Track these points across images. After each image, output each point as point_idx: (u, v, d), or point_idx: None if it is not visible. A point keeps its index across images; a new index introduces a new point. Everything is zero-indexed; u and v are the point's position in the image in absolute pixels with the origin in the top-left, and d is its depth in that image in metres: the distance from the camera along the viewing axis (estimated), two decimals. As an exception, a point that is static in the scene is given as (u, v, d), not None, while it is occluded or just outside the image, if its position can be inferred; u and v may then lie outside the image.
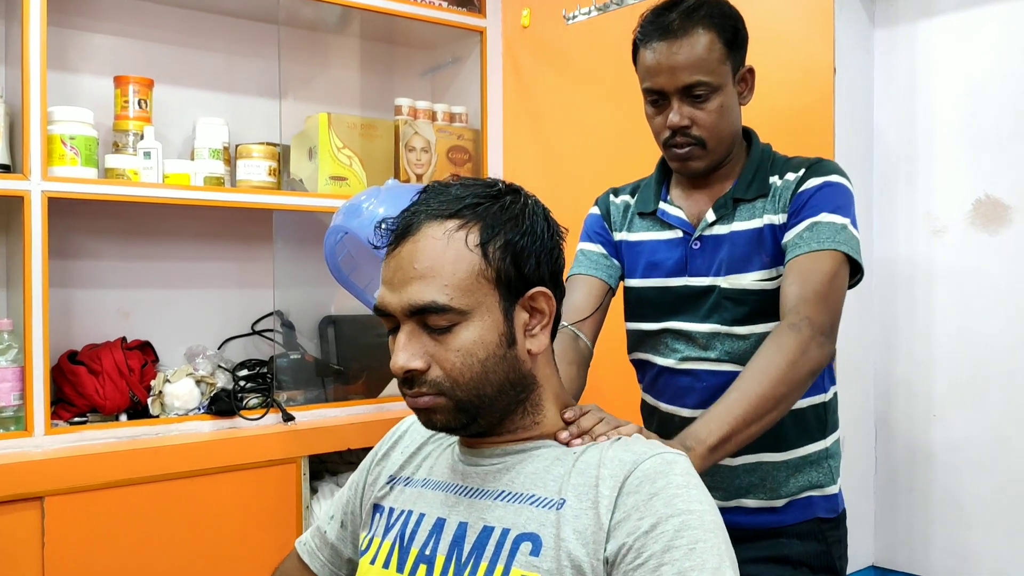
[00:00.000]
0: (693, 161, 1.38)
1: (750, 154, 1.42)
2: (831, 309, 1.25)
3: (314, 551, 1.16)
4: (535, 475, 0.94)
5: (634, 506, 0.86)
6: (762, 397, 1.15)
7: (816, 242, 1.28)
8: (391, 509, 1.04)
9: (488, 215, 0.93)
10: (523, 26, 2.57)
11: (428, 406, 0.93)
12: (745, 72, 1.40)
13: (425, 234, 0.91)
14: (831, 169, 1.36)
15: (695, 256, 1.40)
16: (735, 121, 1.39)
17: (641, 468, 0.88)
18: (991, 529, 1.71)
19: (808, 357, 1.20)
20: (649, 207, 1.47)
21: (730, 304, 1.36)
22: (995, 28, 1.72)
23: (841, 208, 1.31)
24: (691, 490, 0.87)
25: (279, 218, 2.42)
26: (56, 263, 2.11)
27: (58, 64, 2.19)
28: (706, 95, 1.33)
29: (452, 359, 0.90)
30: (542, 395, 0.98)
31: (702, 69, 1.31)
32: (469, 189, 0.95)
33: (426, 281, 0.89)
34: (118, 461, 1.91)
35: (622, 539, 0.84)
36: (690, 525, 0.84)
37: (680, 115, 1.34)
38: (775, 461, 1.37)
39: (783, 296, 1.28)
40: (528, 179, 2.57)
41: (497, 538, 0.91)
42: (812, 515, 1.39)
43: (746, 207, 1.39)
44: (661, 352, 1.44)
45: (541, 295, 0.95)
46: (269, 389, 2.27)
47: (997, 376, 1.71)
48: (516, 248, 0.93)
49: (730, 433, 1.12)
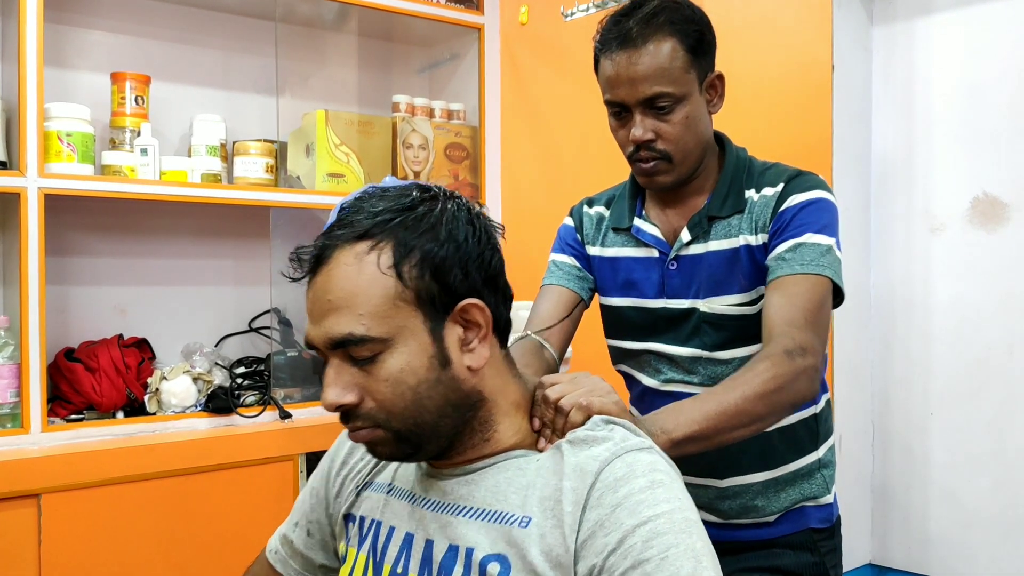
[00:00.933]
0: (660, 176, 1.30)
1: (724, 165, 1.35)
2: (821, 339, 1.20)
3: (285, 559, 1.13)
4: (496, 488, 0.89)
5: (598, 522, 0.81)
6: (739, 411, 1.09)
7: (800, 264, 1.22)
8: (362, 518, 1.01)
9: (400, 230, 0.86)
10: (521, 23, 2.57)
11: (367, 439, 0.89)
12: (714, 79, 1.31)
13: (337, 261, 0.85)
14: (814, 184, 1.29)
15: (672, 277, 1.34)
16: (703, 131, 1.31)
17: (602, 479, 0.84)
18: (988, 527, 1.71)
19: (797, 387, 1.14)
20: (623, 223, 1.40)
21: (710, 328, 1.31)
22: (993, 26, 1.72)
23: (826, 228, 1.25)
24: (656, 490, 0.83)
25: (276, 215, 2.42)
26: (53, 260, 2.11)
27: (55, 61, 2.18)
28: (670, 106, 1.25)
29: (382, 390, 0.85)
30: (492, 410, 0.92)
31: (664, 79, 1.24)
32: (383, 202, 0.88)
33: (341, 312, 0.84)
34: (115, 458, 1.90)
35: (591, 559, 0.80)
36: (659, 531, 0.80)
37: (643, 128, 1.26)
38: (765, 480, 1.33)
39: (768, 316, 1.21)
40: (526, 176, 2.57)
41: (463, 559, 0.87)
42: (804, 526, 1.35)
43: (722, 225, 1.32)
44: (646, 371, 1.40)
45: (472, 307, 0.88)
46: (266, 386, 2.27)
47: (994, 374, 1.71)
48: (436, 262, 0.86)
49: (697, 434, 1.06)
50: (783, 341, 1.15)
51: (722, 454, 1.22)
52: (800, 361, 1.14)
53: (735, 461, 1.32)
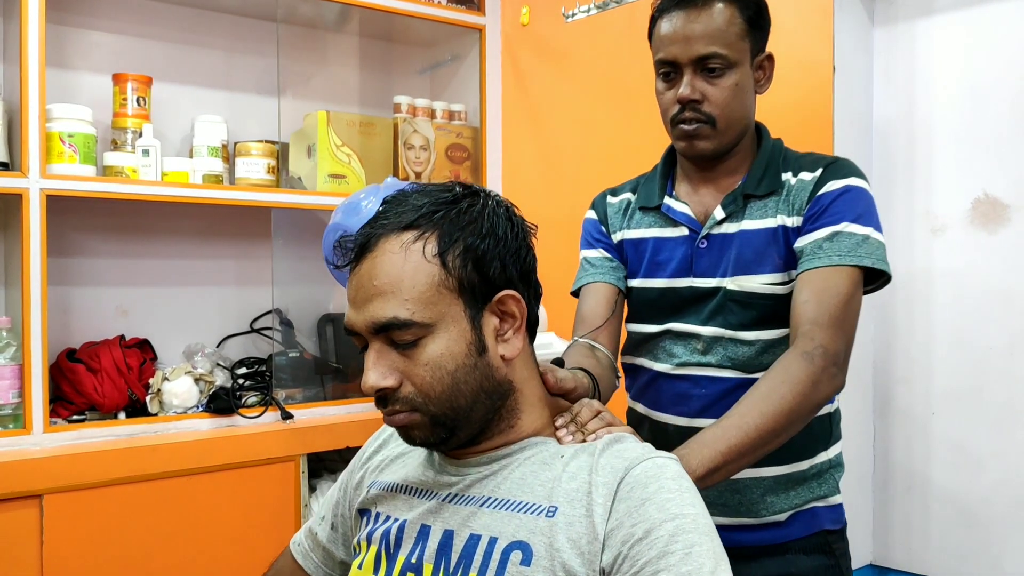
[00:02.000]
0: (700, 140, 1.30)
1: (760, 148, 1.36)
2: (846, 335, 1.20)
3: (307, 552, 1.15)
4: (522, 480, 0.92)
5: (627, 512, 0.84)
6: (760, 430, 1.09)
7: (837, 255, 1.22)
8: (377, 514, 1.02)
9: (445, 222, 0.90)
10: (522, 24, 2.57)
11: (404, 423, 0.92)
12: (764, 59, 1.32)
13: (383, 249, 0.89)
14: (851, 171, 1.29)
15: (701, 256, 1.33)
16: (749, 105, 1.31)
17: (632, 474, 0.87)
18: (989, 527, 1.71)
19: (818, 391, 1.14)
20: (653, 201, 1.40)
21: (736, 307, 1.29)
22: (994, 27, 1.72)
23: (863, 216, 1.25)
24: (684, 494, 0.86)
25: (278, 216, 2.42)
26: (54, 261, 2.11)
27: (57, 62, 2.19)
28: (721, 70, 1.26)
29: (422, 374, 0.89)
30: (519, 400, 0.96)
31: (719, 41, 1.25)
32: (426, 197, 0.92)
33: (386, 297, 0.88)
34: (116, 459, 1.91)
35: (617, 548, 0.83)
36: (685, 529, 0.82)
37: (692, 88, 1.26)
38: (777, 475, 1.31)
39: (795, 313, 1.22)
40: (527, 177, 2.58)
41: (485, 547, 0.89)
42: (818, 527, 1.33)
43: (757, 204, 1.31)
44: (657, 357, 1.38)
45: (509, 298, 0.92)
46: (268, 387, 2.27)
47: (996, 374, 1.71)
48: (477, 253, 0.90)
49: (721, 464, 1.06)
50: (803, 343, 1.17)
51: None
52: (820, 362, 1.15)
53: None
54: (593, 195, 1.56)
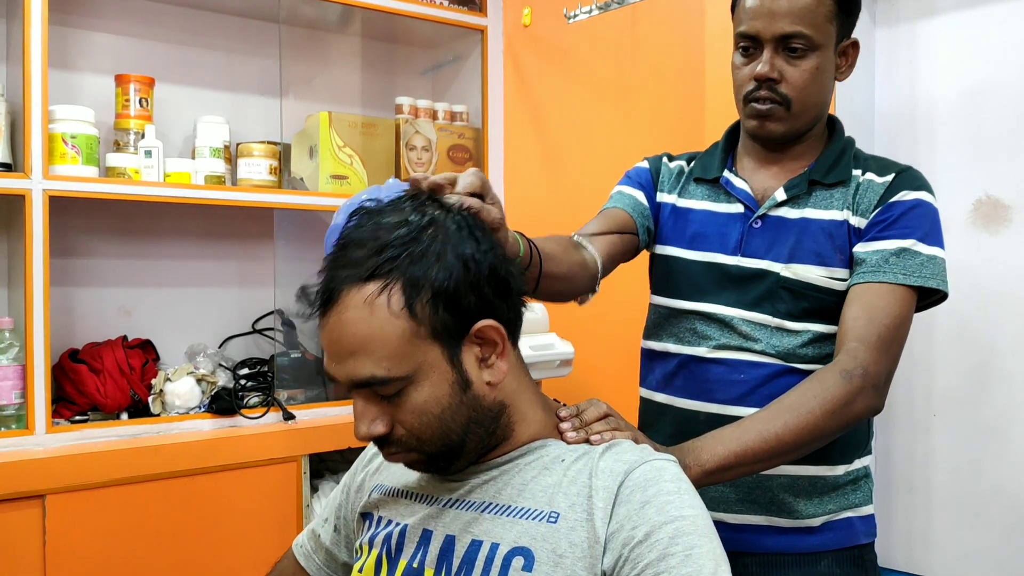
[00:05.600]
0: (772, 122, 1.24)
1: (832, 139, 1.30)
2: (891, 359, 1.15)
3: (310, 554, 1.15)
4: (523, 486, 0.92)
5: (627, 516, 0.84)
6: (781, 441, 1.06)
7: (902, 273, 1.17)
8: (379, 518, 1.02)
9: (407, 267, 0.84)
10: (524, 25, 2.57)
11: (403, 462, 0.93)
12: (848, 45, 1.26)
13: (347, 304, 0.85)
14: (923, 184, 1.24)
15: (754, 236, 1.27)
16: (827, 91, 1.26)
17: (631, 477, 0.87)
18: (991, 529, 1.71)
19: (850, 410, 1.10)
20: (711, 173, 1.33)
21: (788, 295, 1.23)
22: (996, 28, 1.72)
23: (930, 235, 1.20)
24: (683, 495, 0.86)
25: (280, 217, 2.42)
26: (57, 262, 2.11)
27: (59, 63, 2.19)
28: (803, 51, 1.20)
29: (410, 420, 0.88)
30: (513, 414, 0.94)
31: (805, 20, 1.19)
32: (383, 232, 0.86)
33: (359, 357, 0.85)
34: (119, 460, 1.91)
35: (617, 551, 0.83)
36: (684, 531, 0.83)
37: (771, 66, 1.21)
38: (814, 475, 1.25)
39: (843, 327, 1.17)
40: (529, 177, 2.58)
41: (486, 553, 0.89)
42: (854, 541, 1.27)
43: (822, 193, 1.25)
44: (685, 339, 1.30)
45: (487, 328, 0.88)
46: (270, 388, 2.27)
47: (997, 376, 1.71)
48: (448, 293, 0.85)
49: (733, 464, 1.04)
50: (845, 360, 1.12)
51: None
52: (858, 383, 1.10)
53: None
54: (595, 196, 1.54)
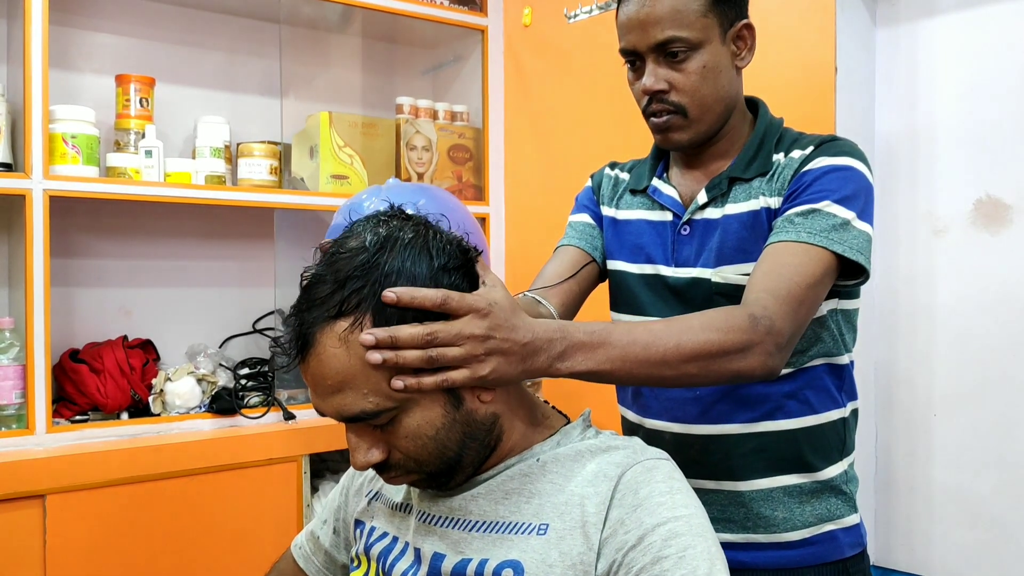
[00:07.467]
0: (674, 132, 1.19)
1: (754, 128, 1.24)
2: (798, 320, 1.04)
3: (309, 556, 1.15)
4: (507, 501, 0.91)
5: (619, 520, 0.84)
6: (664, 362, 0.95)
7: (807, 232, 1.08)
8: (372, 528, 1.02)
9: (374, 299, 0.83)
10: (524, 25, 2.57)
11: (405, 483, 0.93)
12: (741, 28, 1.19)
13: (323, 344, 0.84)
14: (846, 150, 1.15)
15: (682, 243, 1.23)
16: (725, 85, 1.19)
17: (623, 480, 0.86)
18: (991, 529, 1.71)
19: (744, 359, 0.99)
20: (641, 183, 1.30)
21: (725, 301, 1.14)
22: (997, 28, 1.71)
23: (849, 199, 1.10)
24: (675, 495, 0.85)
25: (280, 217, 2.42)
26: (57, 262, 2.11)
27: (60, 63, 2.19)
28: (684, 53, 1.15)
29: (405, 445, 0.87)
30: (504, 423, 0.93)
31: (676, 23, 1.14)
32: (342, 263, 0.85)
33: (344, 394, 0.84)
34: (119, 459, 1.91)
35: (611, 556, 0.83)
36: (678, 532, 0.82)
37: (655, 77, 1.16)
38: (788, 486, 1.20)
39: (751, 280, 1.08)
40: (529, 177, 2.58)
41: (475, 568, 0.88)
42: (839, 555, 1.20)
43: (742, 187, 1.20)
44: None
45: None
46: (270, 388, 2.27)
47: (998, 375, 1.71)
48: (416, 312, 0.84)
49: (607, 371, 0.93)
50: (754, 307, 1.02)
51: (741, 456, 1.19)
52: (762, 333, 0.99)
53: (752, 463, 1.20)
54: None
